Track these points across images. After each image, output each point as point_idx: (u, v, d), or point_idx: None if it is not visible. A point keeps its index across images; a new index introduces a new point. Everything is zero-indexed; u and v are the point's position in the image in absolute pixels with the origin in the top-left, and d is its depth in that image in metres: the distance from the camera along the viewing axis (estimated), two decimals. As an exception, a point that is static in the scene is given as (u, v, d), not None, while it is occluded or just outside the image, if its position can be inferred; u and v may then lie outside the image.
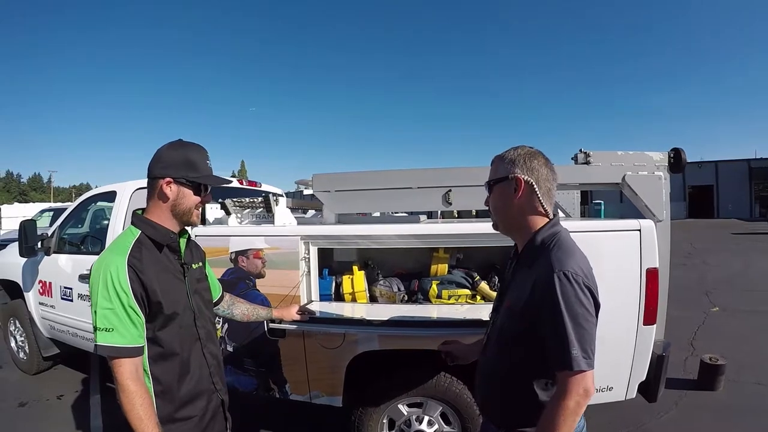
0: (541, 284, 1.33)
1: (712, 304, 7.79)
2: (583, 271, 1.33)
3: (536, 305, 1.35)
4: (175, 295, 1.57)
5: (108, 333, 1.41)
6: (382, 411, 2.85)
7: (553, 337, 1.30)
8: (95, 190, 4.59)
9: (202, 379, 1.66)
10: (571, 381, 1.27)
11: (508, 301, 1.51)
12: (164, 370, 1.55)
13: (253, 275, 2.88)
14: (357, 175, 2.98)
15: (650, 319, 2.59)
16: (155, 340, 1.53)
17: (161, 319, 1.53)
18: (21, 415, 4.22)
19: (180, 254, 1.67)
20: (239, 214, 3.33)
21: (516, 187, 1.47)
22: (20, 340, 5.15)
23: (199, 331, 1.66)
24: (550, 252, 1.38)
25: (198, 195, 1.61)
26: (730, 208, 35.10)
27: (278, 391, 2.98)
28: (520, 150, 1.52)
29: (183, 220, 1.63)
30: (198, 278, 1.76)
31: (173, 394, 1.56)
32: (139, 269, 1.47)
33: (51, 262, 4.36)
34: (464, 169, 2.86)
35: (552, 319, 1.30)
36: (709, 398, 4.27)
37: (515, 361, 1.45)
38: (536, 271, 1.38)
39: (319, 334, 2.80)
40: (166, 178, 1.55)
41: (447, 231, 2.71)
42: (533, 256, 1.44)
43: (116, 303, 1.42)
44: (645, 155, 2.93)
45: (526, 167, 1.47)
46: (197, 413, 1.62)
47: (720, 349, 4.96)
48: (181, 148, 1.61)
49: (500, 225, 1.56)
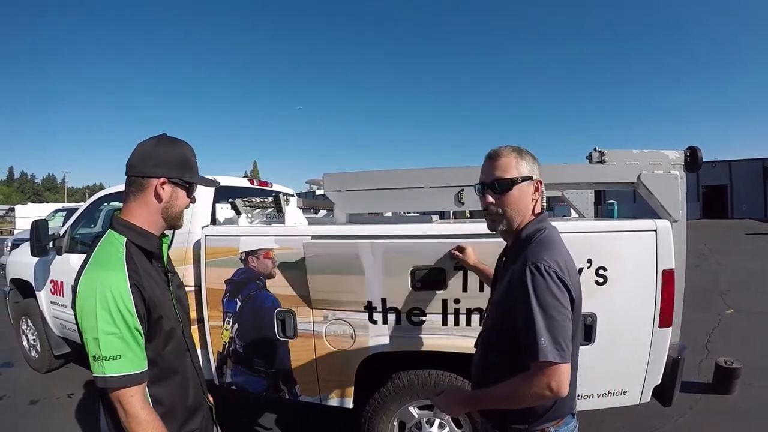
0: (516, 277, 1.35)
1: (727, 306, 7.68)
2: (558, 265, 1.32)
3: (512, 298, 1.36)
4: (168, 308, 1.46)
5: (116, 362, 1.25)
6: (393, 413, 2.83)
7: (524, 328, 1.29)
8: (107, 189, 4.60)
9: (197, 391, 1.57)
10: (539, 372, 1.26)
11: (497, 293, 1.54)
12: (166, 390, 1.43)
13: (263, 275, 2.86)
14: (368, 174, 2.95)
15: (666, 321, 2.54)
16: (156, 360, 1.38)
17: (162, 335, 1.40)
18: (32, 413, 4.26)
19: (163, 261, 1.56)
20: (249, 214, 3.32)
21: (537, 187, 1.49)
22: (32, 339, 5.19)
23: (187, 342, 1.56)
24: (531, 245, 1.40)
25: (189, 197, 1.51)
26: (744, 208, 34.70)
27: (288, 392, 2.96)
28: (525, 149, 1.52)
29: (172, 224, 1.49)
30: (177, 285, 1.65)
31: (176, 413, 1.45)
32: (141, 285, 1.33)
33: (63, 262, 4.37)
34: (477, 168, 2.81)
35: (523, 310, 1.29)
36: (724, 402, 4.20)
37: (501, 356, 1.46)
38: (516, 265, 1.40)
39: (329, 335, 2.79)
40: (161, 177, 1.40)
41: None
42: (518, 251, 1.45)
43: (122, 326, 1.26)
44: (661, 154, 2.87)
45: (539, 169, 1.51)
46: (198, 426, 1.54)
47: (735, 351, 4.89)
48: (175, 145, 1.46)
49: (509, 224, 1.49)
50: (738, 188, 36.07)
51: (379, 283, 2.64)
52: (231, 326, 2.98)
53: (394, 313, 2.67)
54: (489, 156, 1.54)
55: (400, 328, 2.68)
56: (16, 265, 5.29)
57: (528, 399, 1.30)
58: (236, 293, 2.94)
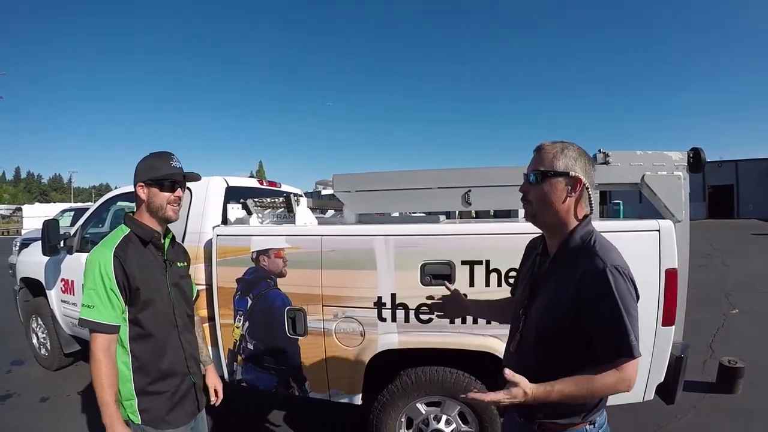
0: (592, 279, 1.35)
1: (732, 306, 7.68)
2: (627, 266, 1.38)
3: (585, 300, 1.36)
4: (154, 284, 1.82)
5: (89, 309, 1.68)
6: (401, 409, 2.87)
7: (608, 329, 1.33)
8: (117, 190, 4.65)
9: (176, 362, 1.89)
10: (628, 366, 1.32)
11: (545, 297, 1.50)
12: (142, 348, 1.79)
13: (274, 274, 2.92)
14: (377, 175, 3.00)
15: (669, 320, 2.57)
16: (135, 321, 1.77)
17: (139, 303, 1.77)
18: (42, 410, 4.30)
19: (163, 251, 1.91)
20: (260, 214, 3.36)
21: (573, 186, 1.45)
22: (42, 337, 5.24)
23: (176, 319, 1.90)
24: (594, 248, 1.40)
25: (168, 191, 1.84)
26: (750, 208, 34.36)
27: (298, 389, 3.01)
28: (576, 147, 1.50)
29: (160, 216, 1.85)
30: (181, 275, 2.01)
31: (148, 370, 1.80)
32: (123, 259, 1.72)
33: (73, 261, 4.42)
34: (483, 170, 2.88)
35: (608, 312, 1.32)
36: (727, 401, 4.22)
37: (555, 358, 1.46)
38: (581, 267, 1.39)
39: (338, 332, 2.84)
40: (138, 183, 1.83)
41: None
42: (574, 253, 1.45)
43: (99, 286, 1.68)
44: (664, 155, 2.91)
45: (584, 168, 1.47)
46: (169, 389, 1.85)
47: (739, 351, 4.90)
48: (147, 157, 1.87)
49: (541, 217, 1.52)
50: (744, 188, 35.73)
51: (390, 277, 2.71)
52: (242, 324, 3.04)
53: (403, 310, 2.73)
54: (535, 148, 1.55)
55: (408, 326, 2.73)
56: (27, 264, 5.34)
57: (605, 392, 1.37)
58: (247, 292, 3.00)
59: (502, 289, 2.60)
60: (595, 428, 1.51)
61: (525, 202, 1.54)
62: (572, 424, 1.49)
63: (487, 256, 2.62)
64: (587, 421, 1.49)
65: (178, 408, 1.87)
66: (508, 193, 2.81)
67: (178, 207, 1.90)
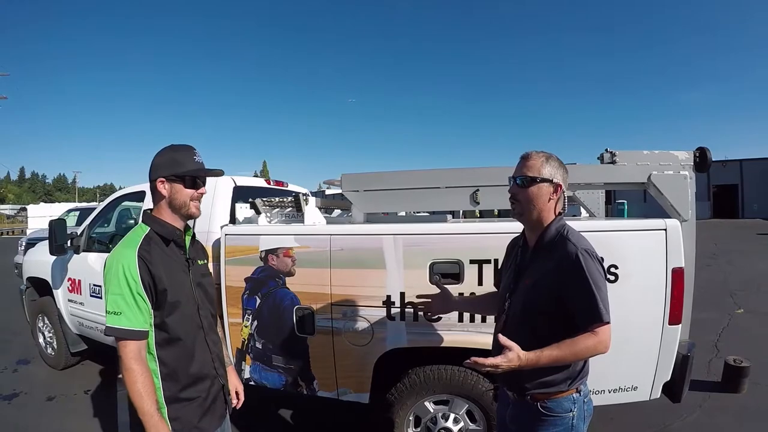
0: (568, 261, 1.62)
1: (737, 306, 7.68)
2: (594, 249, 1.67)
3: (564, 278, 1.62)
4: (179, 285, 1.72)
5: (116, 316, 1.56)
6: (409, 408, 2.88)
7: (583, 300, 1.59)
8: (124, 189, 4.67)
9: (205, 364, 1.80)
10: (601, 330, 1.58)
11: (528, 280, 1.75)
12: (170, 354, 1.69)
13: (283, 273, 2.93)
14: (386, 175, 3.02)
15: (675, 318, 2.59)
16: (162, 326, 1.67)
17: (167, 306, 1.66)
18: (49, 409, 4.32)
19: (185, 249, 1.82)
20: (269, 214, 3.38)
21: (555, 189, 1.74)
22: (48, 336, 5.26)
23: (202, 321, 1.81)
24: (567, 237, 1.68)
25: (191, 188, 1.75)
26: (755, 208, 34.25)
27: (306, 387, 3.03)
28: (556, 158, 1.78)
29: (182, 213, 1.76)
30: (202, 273, 1.92)
31: (178, 376, 1.70)
32: (148, 260, 1.62)
33: (80, 261, 4.45)
34: (491, 169, 2.89)
35: (581, 287, 1.59)
36: (732, 400, 4.22)
37: (540, 332, 1.66)
38: (558, 253, 1.66)
39: (348, 331, 2.85)
40: (159, 178, 1.72)
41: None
42: (551, 242, 1.72)
43: (125, 290, 1.57)
44: (670, 154, 2.92)
45: (563, 176, 1.75)
46: (201, 394, 1.77)
47: (744, 351, 4.90)
48: (167, 151, 1.77)
49: (528, 216, 1.77)
50: (749, 188, 35.63)
51: (398, 276, 2.74)
52: (250, 323, 3.05)
53: (411, 309, 2.74)
54: (522, 156, 1.80)
55: (417, 324, 2.75)
56: (33, 264, 5.36)
57: (585, 354, 1.62)
58: (256, 291, 3.01)
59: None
60: (581, 396, 1.74)
61: (514, 202, 1.80)
62: (560, 392, 1.71)
63: (495, 255, 2.62)
64: (574, 388, 1.72)
65: (209, 413, 1.79)
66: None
67: (200, 203, 1.81)
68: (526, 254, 1.84)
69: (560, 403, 1.71)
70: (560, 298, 1.63)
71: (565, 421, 1.71)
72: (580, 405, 1.73)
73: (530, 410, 1.75)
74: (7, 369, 5.39)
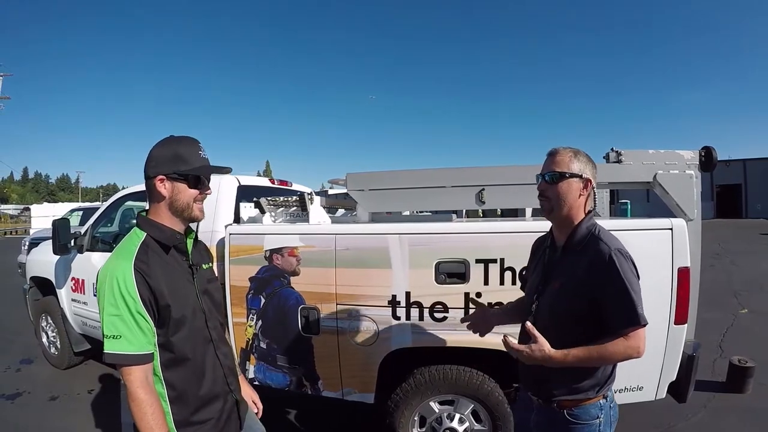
0: (601, 262, 1.57)
1: (741, 306, 7.66)
2: (627, 250, 1.61)
3: (597, 280, 1.57)
4: (184, 298, 1.53)
5: (116, 340, 1.37)
6: (414, 408, 2.88)
7: (618, 303, 1.54)
8: (128, 189, 4.66)
9: (216, 381, 1.62)
10: (635, 334, 1.53)
11: (556, 282, 1.70)
12: (178, 375, 1.51)
13: (287, 273, 2.93)
14: (391, 174, 3.01)
15: (681, 318, 2.59)
16: (167, 345, 1.48)
17: (171, 323, 1.48)
18: (52, 409, 4.32)
19: (187, 255, 1.63)
20: (273, 213, 3.37)
21: (585, 185, 1.69)
22: (52, 336, 5.26)
23: (211, 333, 1.62)
24: (599, 237, 1.63)
25: (195, 188, 1.55)
26: (758, 207, 34.03)
27: (311, 387, 3.02)
28: (584, 153, 1.73)
29: (184, 217, 1.56)
30: (208, 278, 1.73)
31: (188, 399, 1.53)
32: (146, 273, 1.42)
33: (84, 260, 4.45)
34: (497, 168, 2.88)
35: (616, 288, 1.54)
36: (737, 401, 4.21)
37: (567, 338, 1.60)
38: (590, 253, 1.61)
39: (353, 331, 2.85)
40: (159, 176, 1.50)
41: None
42: (581, 242, 1.66)
43: (123, 309, 1.37)
44: (676, 154, 2.91)
45: (592, 171, 1.71)
46: (214, 416, 1.59)
47: (749, 351, 4.88)
48: (170, 143, 1.55)
49: (557, 213, 1.71)
50: (752, 187, 35.39)
51: (404, 276, 2.73)
52: (255, 323, 3.04)
53: (417, 308, 2.73)
54: (549, 152, 1.76)
55: (422, 324, 2.74)
56: (37, 264, 5.36)
57: (615, 359, 1.58)
58: (260, 290, 3.01)
59: (516, 287, 2.60)
60: (608, 402, 1.70)
61: (543, 199, 1.74)
62: (587, 399, 1.67)
63: (501, 254, 2.62)
64: (601, 395, 1.68)
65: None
66: (522, 192, 2.83)
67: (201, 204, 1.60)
68: (554, 254, 1.79)
69: (587, 410, 1.68)
70: (593, 300, 1.57)
71: (592, 428, 1.68)
72: (606, 411, 1.69)
73: (556, 417, 1.72)
74: (10, 368, 5.39)
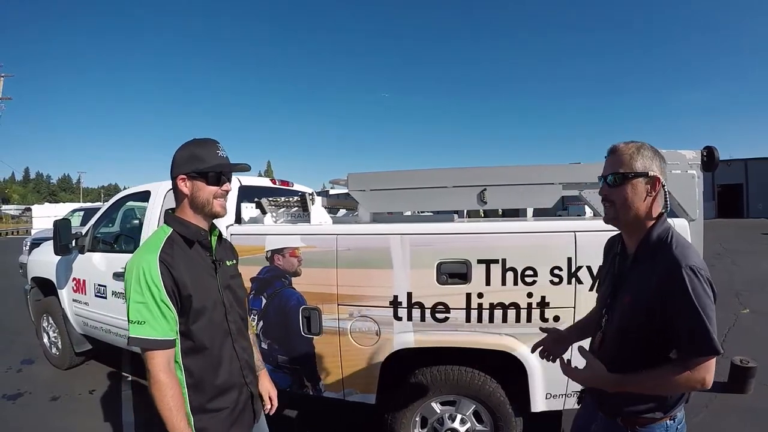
0: (669, 279, 1.40)
1: (743, 306, 7.64)
2: (705, 267, 1.41)
3: (663, 300, 1.41)
4: (205, 290, 1.62)
5: (140, 326, 1.48)
6: (416, 409, 2.87)
7: (686, 329, 1.38)
8: (129, 189, 4.67)
9: (233, 373, 1.71)
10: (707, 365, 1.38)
11: (627, 296, 1.54)
12: (196, 363, 1.60)
13: (289, 273, 2.92)
14: (392, 174, 3.00)
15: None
16: (187, 333, 1.58)
17: (192, 313, 1.58)
18: (53, 409, 4.32)
19: (211, 251, 1.72)
20: (274, 213, 3.37)
21: (653, 185, 1.50)
22: (53, 336, 5.27)
23: (230, 326, 1.71)
24: (671, 247, 1.44)
25: (214, 185, 1.64)
26: (760, 207, 33.99)
27: (312, 388, 3.02)
28: (649, 146, 1.54)
29: (206, 213, 1.66)
30: (231, 275, 1.82)
31: (205, 386, 1.62)
32: (171, 265, 1.53)
33: (85, 261, 4.45)
34: (499, 168, 2.87)
35: (687, 313, 1.37)
36: (739, 401, 4.21)
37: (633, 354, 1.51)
38: (659, 265, 1.44)
39: (354, 331, 2.85)
40: (180, 176, 1.62)
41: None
42: (652, 251, 1.49)
43: (148, 297, 1.48)
44: (678, 153, 2.90)
45: (660, 167, 1.51)
46: (229, 405, 1.68)
47: (750, 351, 4.87)
48: (188, 145, 1.66)
49: (623, 219, 1.56)
50: (754, 187, 35.34)
51: (405, 276, 2.72)
52: (256, 323, 3.04)
53: (418, 309, 2.73)
54: (609, 150, 1.59)
55: (424, 324, 2.73)
56: (38, 264, 5.37)
57: (680, 388, 1.44)
58: (261, 291, 3.00)
59: (518, 287, 2.61)
60: (675, 423, 1.56)
61: (607, 204, 1.58)
62: (654, 419, 1.54)
63: (503, 254, 2.62)
64: (669, 416, 1.54)
65: (237, 423, 1.71)
66: (524, 192, 2.83)
67: (225, 201, 1.71)
68: (625, 262, 1.63)
69: (652, 429, 1.56)
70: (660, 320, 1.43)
71: None
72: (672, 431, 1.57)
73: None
74: (11, 369, 5.39)
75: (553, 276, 2.58)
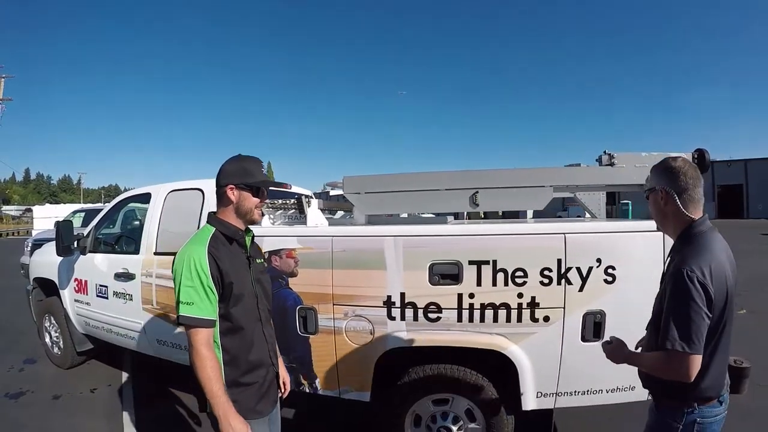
0: (670, 275, 1.62)
1: (740, 307, 7.61)
2: (701, 270, 1.54)
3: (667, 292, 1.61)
4: (242, 280, 1.88)
5: (189, 306, 1.73)
6: (409, 407, 2.92)
7: (664, 322, 1.58)
8: (130, 191, 4.73)
9: (263, 353, 1.97)
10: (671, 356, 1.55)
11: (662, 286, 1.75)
12: (232, 342, 1.86)
13: (285, 274, 2.98)
14: (386, 177, 3.05)
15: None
16: (226, 316, 1.84)
17: (232, 298, 1.84)
18: (55, 408, 4.37)
19: (246, 248, 1.98)
20: (272, 215, 3.42)
21: (663, 197, 1.71)
22: (55, 336, 5.33)
23: (260, 314, 1.98)
24: (687, 247, 1.64)
25: (257, 197, 1.93)
26: (760, 208, 33.98)
27: (308, 386, 3.07)
28: (667, 161, 1.73)
29: (246, 219, 1.94)
30: (261, 271, 2.10)
31: (239, 363, 1.87)
32: (217, 256, 1.79)
33: (86, 261, 4.51)
34: (490, 171, 2.92)
35: (668, 306, 1.59)
36: (733, 401, 4.17)
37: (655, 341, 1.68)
38: (673, 265, 1.65)
39: (349, 331, 2.90)
40: (229, 185, 1.89)
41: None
42: (674, 252, 1.72)
43: (197, 282, 1.74)
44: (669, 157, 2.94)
45: (667, 179, 1.70)
46: (258, 380, 1.93)
47: (745, 351, 4.79)
48: (239, 160, 1.95)
49: (659, 226, 1.83)
50: (754, 188, 35.34)
51: (399, 277, 2.77)
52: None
53: (411, 309, 2.78)
54: None
55: (417, 324, 2.78)
56: (40, 265, 5.43)
57: (659, 373, 1.64)
58: (259, 291, 3.03)
59: (508, 288, 2.66)
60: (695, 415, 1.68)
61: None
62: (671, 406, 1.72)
63: (494, 256, 2.66)
64: (686, 404, 1.68)
65: (265, 397, 1.96)
66: (515, 195, 2.88)
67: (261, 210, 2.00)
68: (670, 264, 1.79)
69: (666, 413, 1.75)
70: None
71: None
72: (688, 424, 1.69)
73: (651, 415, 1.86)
74: (13, 368, 5.46)
75: (543, 277, 2.63)
